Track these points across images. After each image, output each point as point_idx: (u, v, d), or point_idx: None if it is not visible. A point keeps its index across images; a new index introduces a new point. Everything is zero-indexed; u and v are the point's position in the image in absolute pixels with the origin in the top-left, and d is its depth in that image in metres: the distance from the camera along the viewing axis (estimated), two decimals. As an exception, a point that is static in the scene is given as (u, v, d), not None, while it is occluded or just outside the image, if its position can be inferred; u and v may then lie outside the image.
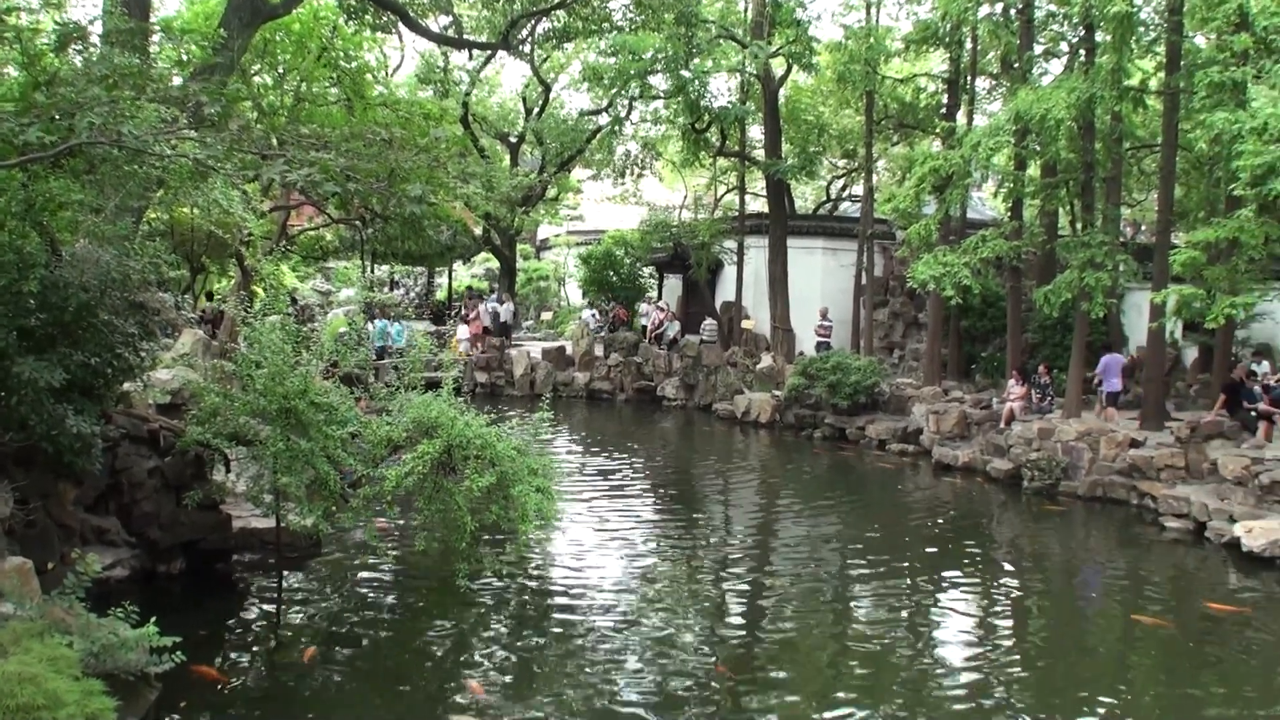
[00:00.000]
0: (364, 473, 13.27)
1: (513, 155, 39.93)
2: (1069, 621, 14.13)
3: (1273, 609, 14.75)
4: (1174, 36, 22.30)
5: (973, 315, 30.97)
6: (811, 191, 53.57)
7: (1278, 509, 17.79)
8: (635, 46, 30.63)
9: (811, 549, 17.26)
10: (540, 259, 58.84)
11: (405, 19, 25.27)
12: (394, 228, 35.02)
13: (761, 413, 30.46)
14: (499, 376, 35.66)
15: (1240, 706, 10.95)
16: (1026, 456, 22.46)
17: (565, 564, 15.48)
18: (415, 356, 14.79)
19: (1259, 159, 16.07)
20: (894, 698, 10.90)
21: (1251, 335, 26.98)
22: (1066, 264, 23.32)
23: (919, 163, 25.59)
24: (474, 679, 11.13)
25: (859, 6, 33.83)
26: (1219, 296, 18.69)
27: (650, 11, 30.81)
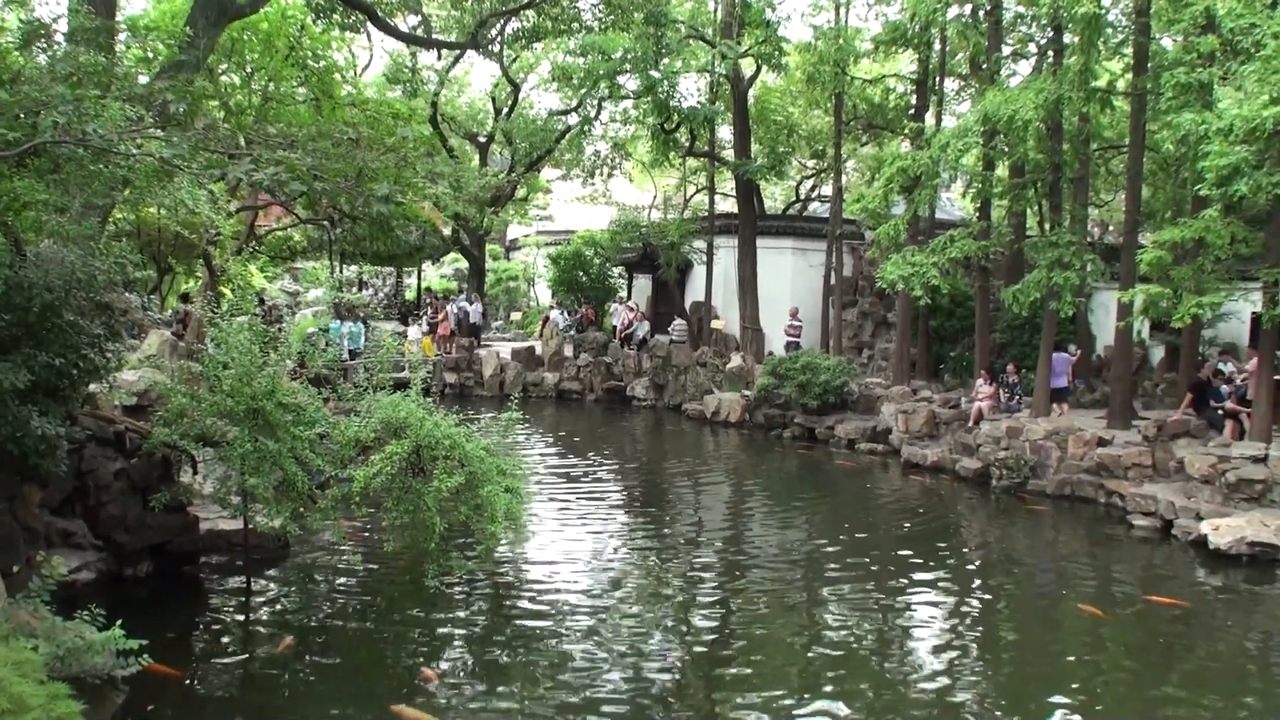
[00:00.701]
0: (332, 474, 13.20)
1: (482, 155, 39.84)
2: (1036, 619, 14.18)
3: (1239, 605, 14.88)
4: (1141, 38, 22.45)
5: (941, 315, 31.07)
6: (781, 192, 53.64)
7: (1244, 507, 17.93)
8: (604, 46, 30.58)
9: (781, 548, 17.27)
10: (509, 259, 58.74)
11: (373, 18, 25.16)
12: (362, 228, 34.93)
13: (731, 412, 30.48)
14: (468, 377, 35.55)
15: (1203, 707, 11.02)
16: (995, 455, 22.55)
17: (535, 564, 15.44)
18: (383, 357, 14.73)
19: (1225, 160, 16.17)
20: (864, 697, 10.91)
21: (1218, 335, 27.17)
22: (1034, 264, 23.42)
23: (888, 163, 25.67)
24: (428, 667, 11.22)
25: (828, 7, 33.91)
26: (1185, 296, 18.80)
27: (620, 11, 30.77)
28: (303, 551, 15.26)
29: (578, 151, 43.81)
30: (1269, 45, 16.07)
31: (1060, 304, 22.14)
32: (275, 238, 37.63)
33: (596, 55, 30.92)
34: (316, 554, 15.39)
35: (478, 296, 40.82)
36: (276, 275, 46.22)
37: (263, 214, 31.95)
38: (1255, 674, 12.22)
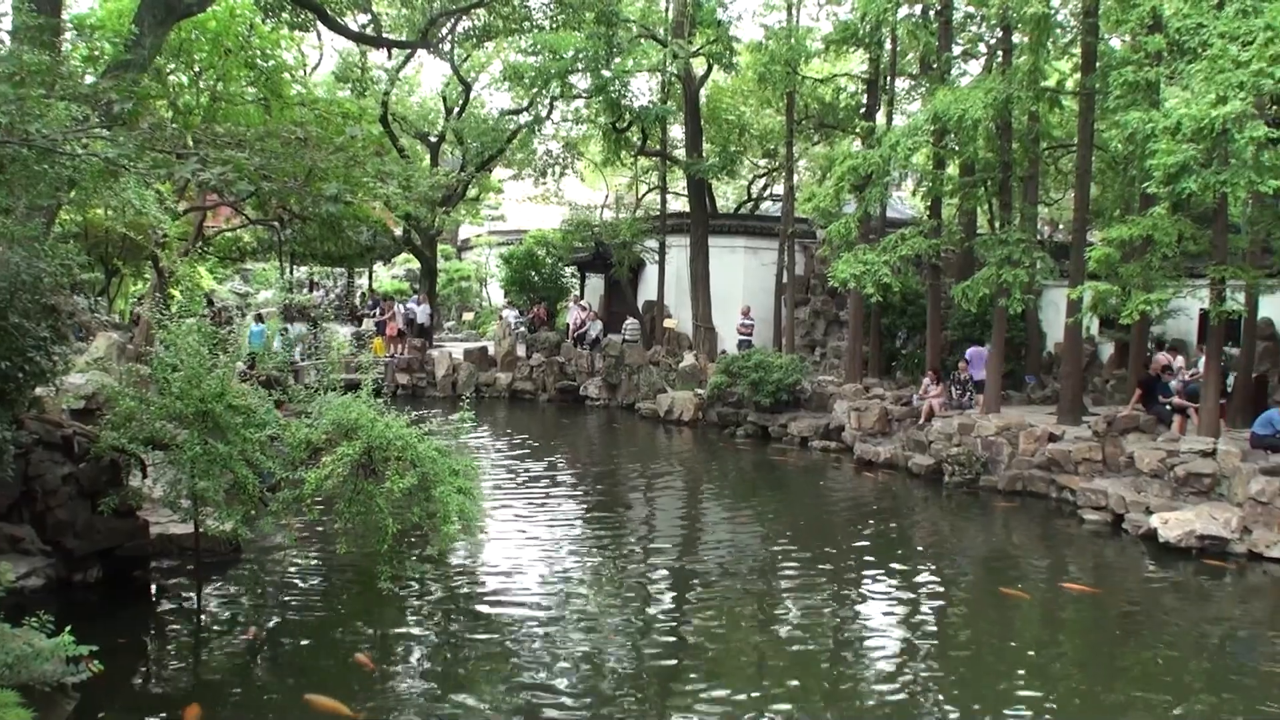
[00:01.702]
0: (283, 476, 13.08)
1: (433, 155, 39.65)
2: (989, 614, 14.27)
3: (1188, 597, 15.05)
4: (1089, 38, 22.64)
5: (893, 313, 31.22)
6: (733, 191, 53.73)
7: (1193, 500, 18.13)
8: (556, 45, 30.56)
9: (736, 547, 17.31)
10: (462, 259, 58.52)
11: (323, 17, 24.94)
12: (312, 228, 34.67)
13: (684, 411, 30.51)
14: (420, 378, 35.41)
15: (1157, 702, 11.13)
16: (947, 452, 22.68)
17: (489, 565, 15.38)
18: (333, 358, 14.62)
19: (1172, 158, 16.32)
20: (821, 695, 10.94)
21: (1166, 331, 27.45)
22: (984, 261, 23.58)
23: (839, 162, 25.76)
24: (362, 653, 11.25)
25: (779, 7, 34.02)
26: (1133, 293, 18.97)
27: (571, 10, 30.69)
28: (254, 555, 15.12)
29: (529, 151, 43.73)
30: (1215, 45, 16.24)
31: (1010, 301, 22.30)
32: (224, 239, 37.25)
33: (548, 54, 30.92)
34: (268, 557, 15.26)
35: (425, 297, 40.66)
36: (226, 277, 45.84)
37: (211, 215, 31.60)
38: (1203, 664, 12.34)
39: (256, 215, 32.34)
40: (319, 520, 14.10)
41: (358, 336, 36.97)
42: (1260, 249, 21.83)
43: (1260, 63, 15.45)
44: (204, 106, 24.10)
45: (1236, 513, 17.19)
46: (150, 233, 25.38)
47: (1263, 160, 16.08)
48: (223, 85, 24.61)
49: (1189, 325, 27.01)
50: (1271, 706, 10.92)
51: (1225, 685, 11.62)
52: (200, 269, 35.63)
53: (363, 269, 48.25)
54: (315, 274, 50.67)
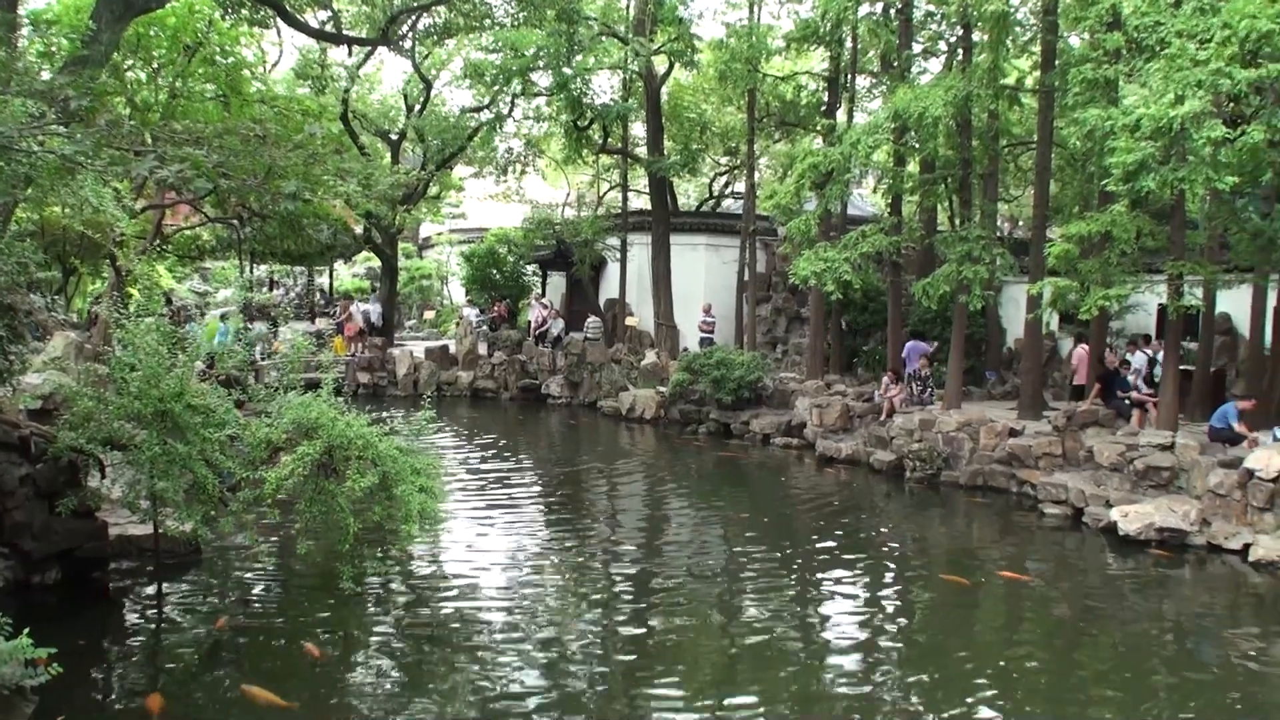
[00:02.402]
0: (243, 476, 12.97)
1: (394, 152, 39.41)
2: (950, 608, 14.35)
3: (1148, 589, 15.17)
4: (1049, 36, 22.81)
5: (854, 310, 31.33)
6: (694, 188, 53.76)
7: (1152, 493, 18.32)
8: (517, 43, 30.45)
9: (699, 544, 17.33)
10: (423, 257, 58.29)
11: (282, 14, 24.80)
12: (272, 226, 34.38)
13: (646, 409, 30.51)
14: (382, 377, 35.25)
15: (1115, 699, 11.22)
16: (908, 447, 22.78)
17: (451, 564, 15.33)
18: (294, 357, 14.52)
19: (1131, 156, 16.45)
20: (786, 690, 10.96)
21: (1126, 326, 27.67)
22: (945, 258, 23.70)
23: (800, 159, 25.81)
24: (310, 642, 11.31)
25: (741, 5, 34.05)
26: (1092, 289, 19.12)
27: (532, 8, 30.62)
28: (215, 556, 15.02)
29: (490, 149, 43.55)
30: (1173, 43, 16.37)
31: (970, 297, 22.42)
32: (183, 237, 36.90)
33: (509, 52, 30.82)
34: (229, 558, 15.16)
35: (373, 296, 40.51)
36: (185, 275, 45.46)
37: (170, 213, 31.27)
38: (1163, 655, 12.45)
39: (216, 213, 32.07)
40: (280, 520, 14.02)
41: (318, 335, 36.74)
42: (1217, 245, 22.03)
43: (1218, 62, 15.60)
44: (163, 103, 23.88)
45: (1195, 505, 17.37)
46: (108, 231, 25.10)
47: (1220, 158, 16.23)
48: (181, 82, 24.39)
49: (1148, 321, 27.23)
50: (1232, 696, 11.03)
51: (1185, 676, 11.74)
52: (159, 268, 35.30)
53: (323, 267, 47.95)
54: (275, 272, 50.32)
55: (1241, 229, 18.77)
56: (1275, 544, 15.90)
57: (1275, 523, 16.38)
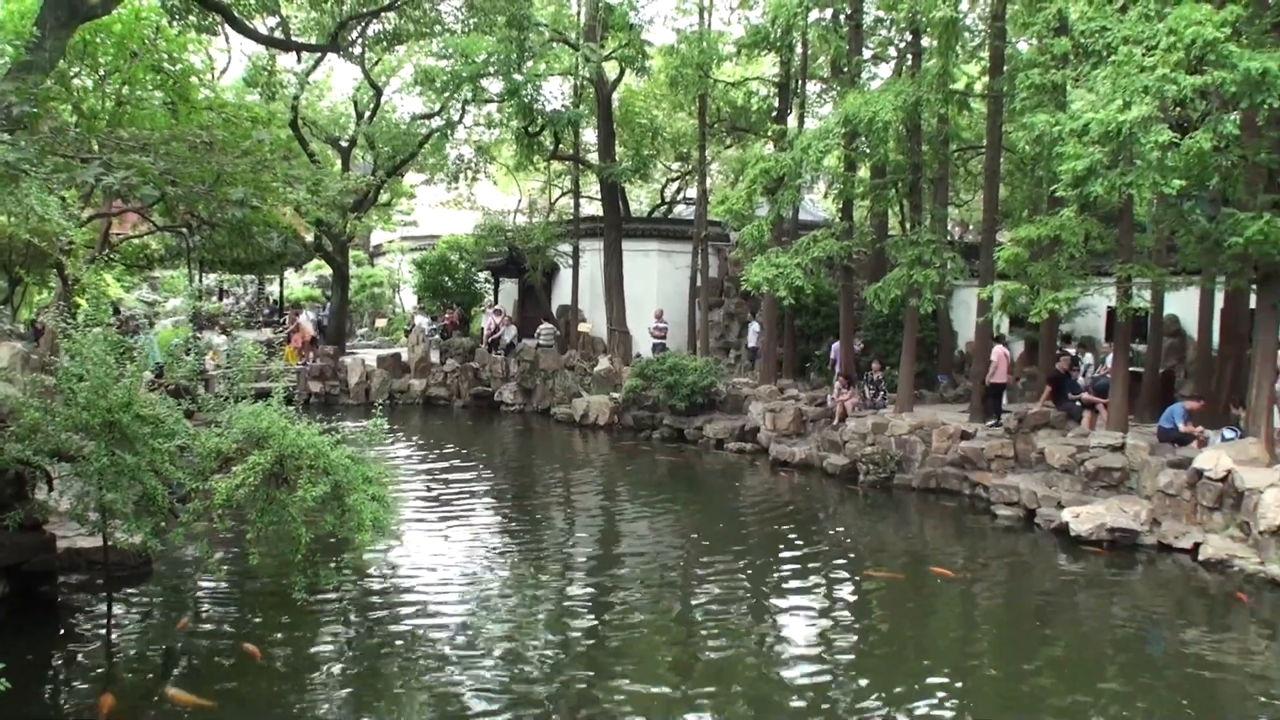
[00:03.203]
0: (193, 486, 12.83)
1: (344, 160, 39.20)
2: (905, 609, 14.42)
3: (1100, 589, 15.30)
4: (997, 41, 23.02)
5: (806, 315, 31.43)
6: (646, 194, 53.83)
7: (1103, 494, 18.50)
8: (467, 49, 30.35)
9: (654, 550, 17.34)
10: (374, 265, 58.02)
11: (230, 20, 24.59)
12: (221, 234, 34.10)
13: (600, 415, 30.48)
14: (333, 385, 35.01)
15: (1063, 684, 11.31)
16: (861, 451, 22.89)
17: (405, 573, 15.24)
18: (244, 366, 14.40)
19: (1079, 161, 16.59)
20: (742, 694, 10.99)
21: (1076, 329, 27.92)
22: (896, 262, 23.81)
23: (751, 165, 25.88)
24: (249, 643, 11.32)
25: (691, 11, 34.17)
26: (1042, 292, 19.27)
27: (482, 14, 30.56)
28: (166, 568, 14.86)
29: (441, 155, 43.41)
30: (1120, 50, 16.53)
31: (921, 301, 22.54)
32: (132, 246, 36.53)
33: (459, 58, 30.68)
34: (180, 570, 15.02)
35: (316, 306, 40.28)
36: (134, 285, 45.03)
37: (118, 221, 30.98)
38: (1115, 654, 12.57)
39: (164, 221, 31.78)
40: (231, 531, 13.88)
41: (268, 344, 36.47)
42: (1165, 248, 22.27)
43: (1164, 68, 15.76)
44: (109, 111, 23.61)
45: (1146, 505, 17.57)
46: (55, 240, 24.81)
47: (1166, 162, 16.40)
48: (128, 89, 24.14)
49: (1097, 323, 27.48)
50: (1181, 695, 11.14)
51: (1137, 674, 11.86)
52: (107, 277, 34.94)
53: (274, 275, 47.63)
54: (225, 281, 49.96)
55: (1189, 232, 18.95)
56: (1224, 543, 16.09)
57: (1224, 522, 16.58)
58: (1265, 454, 17.16)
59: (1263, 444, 17.41)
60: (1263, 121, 17.56)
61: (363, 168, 40.57)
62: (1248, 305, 19.93)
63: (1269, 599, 14.60)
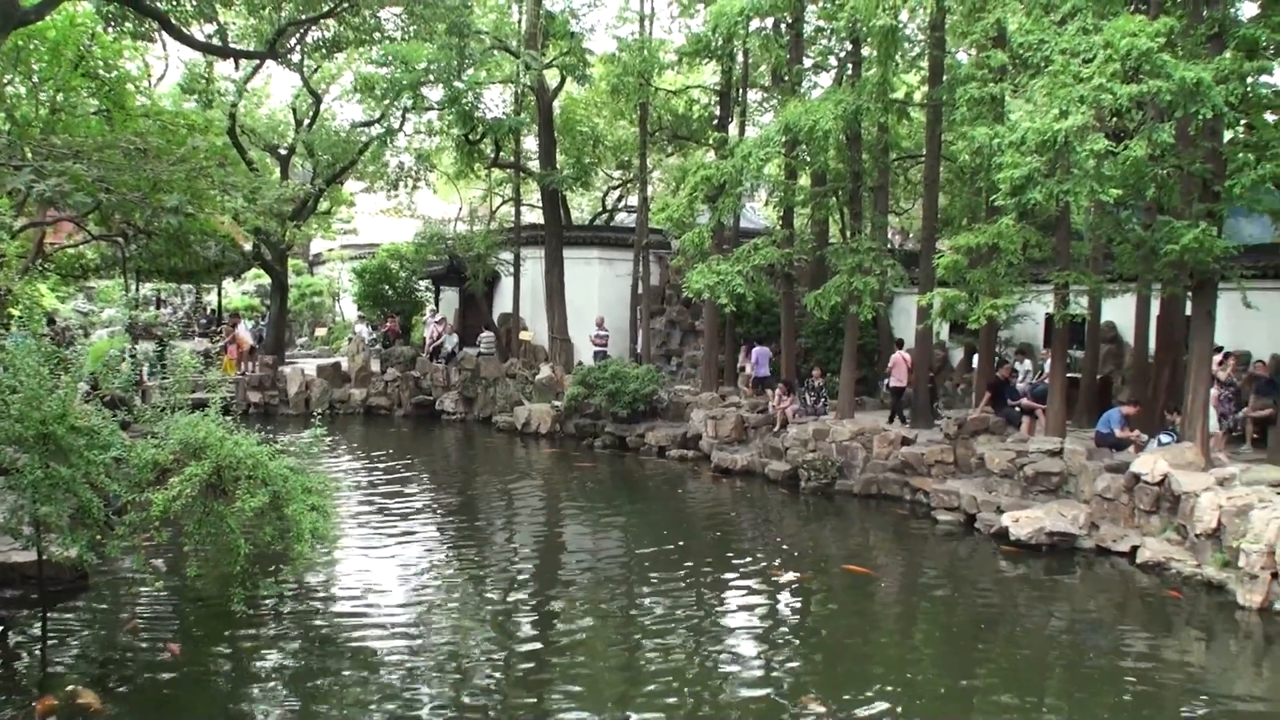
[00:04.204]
0: (130, 498, 12.65)
1: (283, 167, 38.89)
2: (847, 613, 14.48)
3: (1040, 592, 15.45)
4: (936, 51, 23.21)
5: (747, 322, 31.54)
6: (587, 202, 53.84)
7: (1042, 499, 18.68)
8: (408, 57, 30.20)
9: (597, 559, 17.31)
10: (314, 274, 57.59)
11: (167, 26, 24.39)
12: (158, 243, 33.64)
13: (542, 423, 30.43)
14: (273, 395, 34.66)
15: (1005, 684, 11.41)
16: (803, 457, 22.98)
17: (347, 584, 15.12)
18: (180, 377, 14.24)
19: (1017, 169, 16.75)
20: (686, 699, 10.98)
21: (1014, 335, 28.18)
22: (836, 270, 23.93)
23: (692, 173, 25.91)
24: (173, 641, 11.43)
25: (632, 19, 34.19)
26: (981, 299, 19.46)
27: (423, 21, 30.44)
28: (102, 582, 14.62)
29: (381, 163, 43.23)
30: (1057, 60, 16.72)
31: (861, 308, 22.65)
32: (66, 255, 36.02)
33: (399, 65, 30.54)
34: (117, 583, 14.79)
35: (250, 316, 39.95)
36: (69, 295, 44.39)
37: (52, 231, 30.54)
38: (1055, 657, 12.69)
39: (100, 230, 31.39)
40: (169, 544, 13.71)
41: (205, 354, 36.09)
42: (1102, 255, 22.51)
43: (1100, 78, 15.95)
44: (43, 118, 23.27)
45: (1084, 509, 17.79)
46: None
47: (1103, 170, 16.61)
48: (63, 96, 23.81)
49: (1035, 330, 27.75)
50: (1121, 694, 11.26)
51: (1078, 676, 11.96)
52: (41, 287, 34.43)
53: (211, 285, 47.14)
54: (162, 291, 49.40)
55: (1125, 240, 19.18)
56: (1161, 546, 16.29)
57: (1161, 525, 16.79)
58: (1201, 458, 17.40)
59: (1198, 448, 17.65)
60: (1195, 131, 17.82)
61: (302, 175, 40.26)
62: (1183, 312, 20.19)
63: (1205, 601, 14.80)
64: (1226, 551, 15.02)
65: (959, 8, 21.73)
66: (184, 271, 40.06)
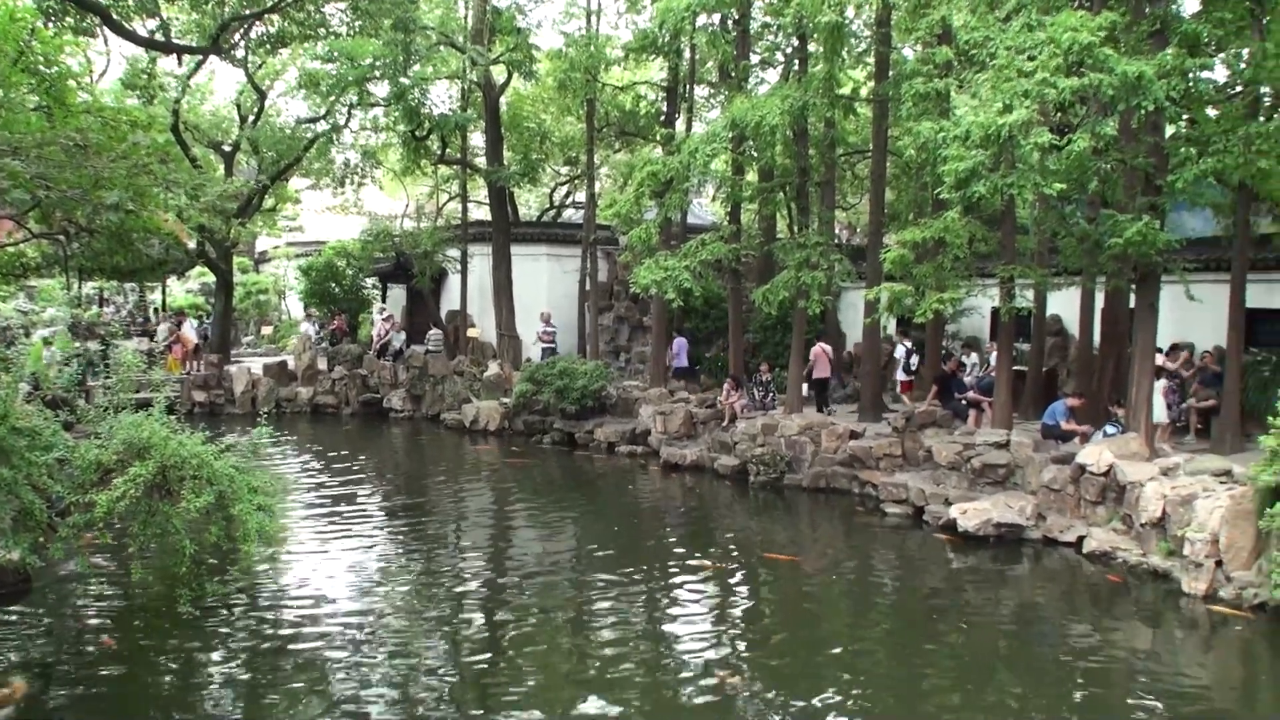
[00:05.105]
0: (73, 500, 12.49)
1: (227, 164, 38.49)
2: (797, 607, 14.54)
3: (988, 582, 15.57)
4: (883, 47, 23.36)
5: (695, 317, 31.62)
6: (535, 199, 53.71)
7: (989, 490, 18.83)
8: (353, 52, 29.98)
9: (547, 554, 17.27)
10: (259, 272, 57.08)
11: (108, 21, 24.08)
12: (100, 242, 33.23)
13: (490, 420, 30.33)
14: (218, 395, 34.31)
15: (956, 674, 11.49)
16: (752, 452, 23.02)
17: (295, 584, 14.98)
18: (124, 376, 14.09)
19: (962, 163, 16.87)
20: (637, 696, 10.99)
21: (961, 329, 28.39)
22: (784, 265, 24.01)
23: (639, 169, 25.88)
24: (106, 635, 11.42)
25: (579, 15, 34.12)
26: (927, 293, 19.57)
27: (368, 17, 30.23)
28: (46, 584, 14.41)
29: (327, 160, 42.85)
30: (1001, 56, 16.85)
31: (809, 303, 22.73)
32: (6, 254, 35.57)
33: (345, 61, 30.32)
34: (61, 586, 14.58)
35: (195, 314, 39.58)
36: (10, 295, 43.78)
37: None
38: (1003, 646, 12.81)
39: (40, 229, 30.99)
40: (114, 545, 13.56)
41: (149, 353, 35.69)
42: (1047, 249, 22.76)
43: (1044, 73, 16.09)
44: (-19, 116, 22.95)
45: (1031, 500, 17.96)
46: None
47: (1047, 164, 16.78)
48: (2, 93, 23.48)
49: (982, 323, 27.98)
50: (1070, 686, 11.36)
51: (1025, 666, 12.09)
52: (-20, 286, 33.99)
53: (155, 283, 46.62)
54: (105, 289, 48.84)
55: (1069, 233, 19.38)
56: (1107, 536, 16.47)
57: (1107, 515, 16.98)
58: (1145, 449, 17.61)
59: (1142, 439, 17.86)
60: (1138, 126, 18.00)
61: (247, 172, 39.92)
62: (1127, 305, 20.39)
63: (1152, 589, 14.97)
64: (1171, 540, 15.21)
65: (904, 4, 21.81)
66: (127, 270, 39.55)
